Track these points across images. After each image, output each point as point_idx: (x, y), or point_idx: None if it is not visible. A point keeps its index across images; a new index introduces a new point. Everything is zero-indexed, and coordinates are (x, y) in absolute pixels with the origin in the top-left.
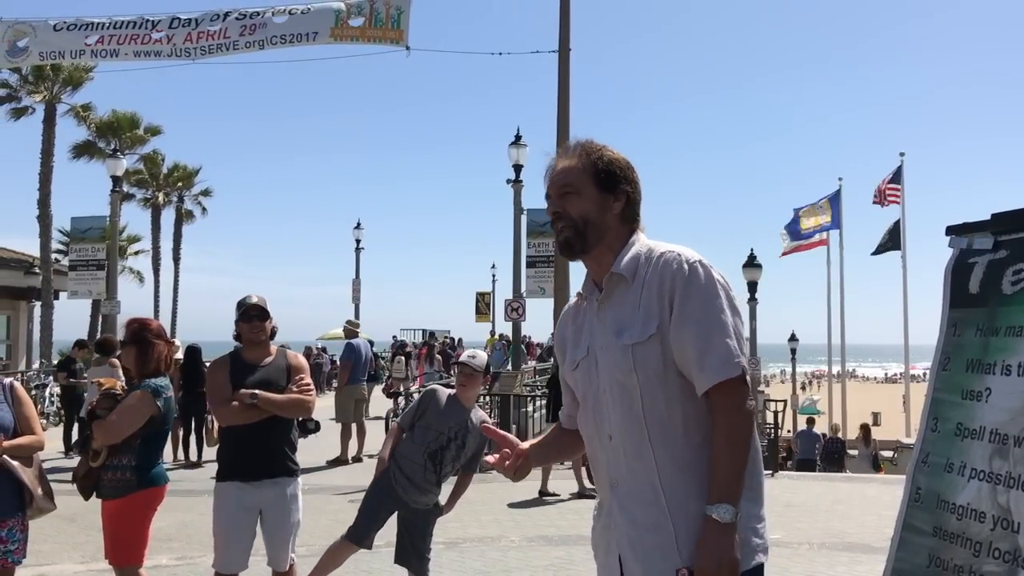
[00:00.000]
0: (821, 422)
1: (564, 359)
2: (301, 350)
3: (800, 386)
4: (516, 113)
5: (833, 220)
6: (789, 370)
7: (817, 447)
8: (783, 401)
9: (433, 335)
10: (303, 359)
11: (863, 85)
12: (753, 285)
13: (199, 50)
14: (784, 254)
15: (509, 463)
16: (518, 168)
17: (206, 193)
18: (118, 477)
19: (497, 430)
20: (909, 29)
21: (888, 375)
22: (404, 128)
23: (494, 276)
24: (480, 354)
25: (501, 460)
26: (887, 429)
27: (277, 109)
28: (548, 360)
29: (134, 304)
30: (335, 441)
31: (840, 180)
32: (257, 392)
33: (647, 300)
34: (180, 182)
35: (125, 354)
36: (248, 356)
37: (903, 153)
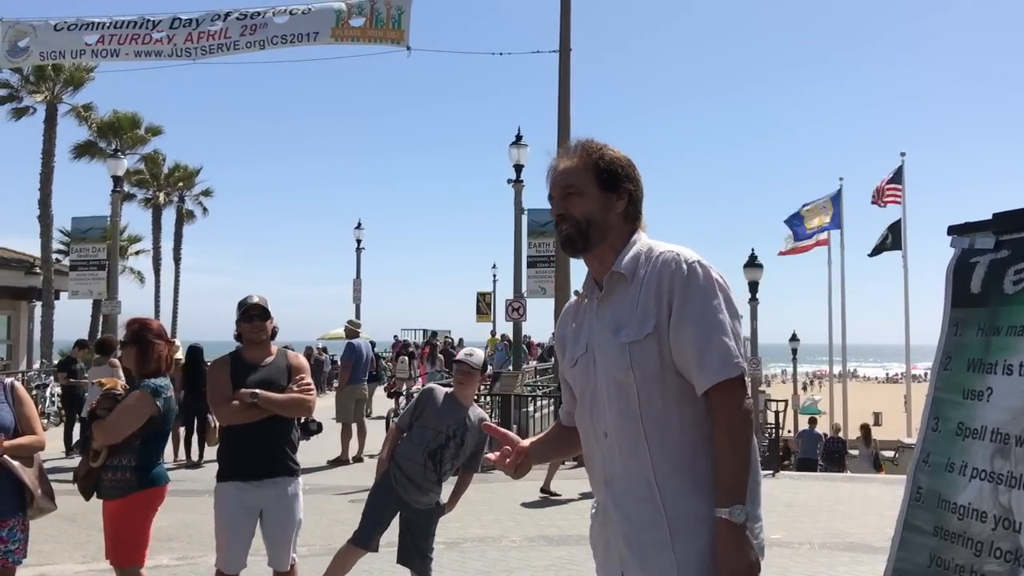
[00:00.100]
0: (822, 422)
1: (564, 356)
2: (302, 350)
3: (801, 386)
4: (517, 113)
5: (834, 220)
6: (790, 370)
7: (818, 447)
8: (784, 401)
9: (435, 335)
10: (303, 359)
11: (864, 85)
12: (754, 285)
13: (200, 50)
14: (783, 253)
15: (510, 460)
16: (519, 168)
17: (207, 193)
18: (118, 477)
19: (497, 427)
20: (910, 30)
21: (889, 375)
22: (405, 128)
23: (495, 276)
24: (477, 352)
25: (502, 457)
26: (888, 429)
27: (278, 109)
28: (549, 360)
29: (135, 304)
30: (336, 441)
31: (841, 180)
32: (257, 391)
33: (645, 299)
34: (181, 182)
35: (125, 354)
36: (249, 356)
37: (904, 153)
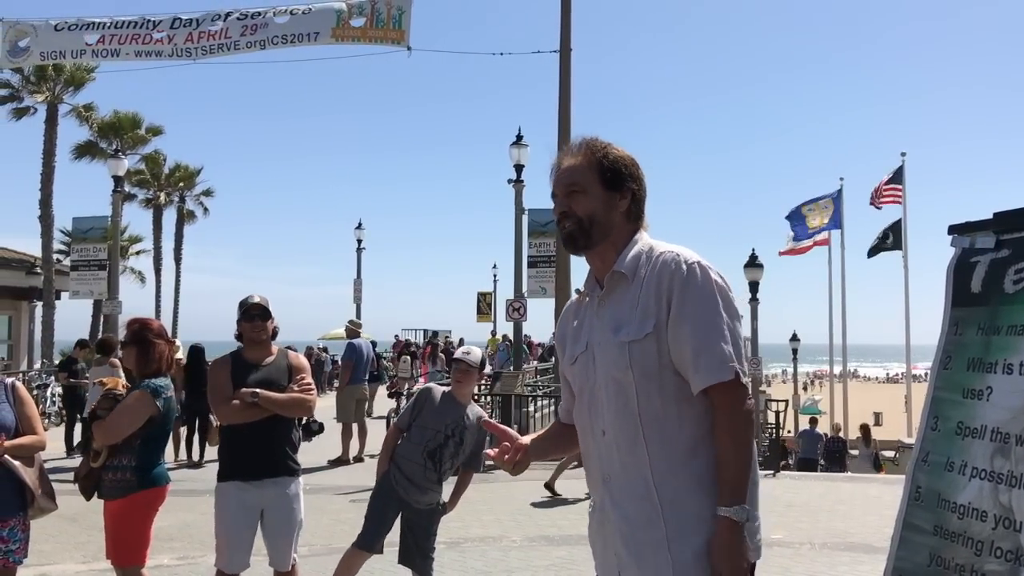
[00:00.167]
0: (823, 422)
1: (564, 354)
2: (303, 350)
3: (802, 386)
4: (517, 113)
5: (834, 220)
6: (791, 370)
7: (819, 447)
8: (785, 401)
9: (436, 335)
10: (304, 359)
11: (864, 86)
12: (754, 285)
13: (200, 50)
14: (784, 253)
15: (508, 456)
16: (519, 168)
17: (207, 193)
18: (118, 477)
19: (496, 424)
20: (909, 31)
21: (890, 375)
22: (405, 128)
23: (495, 276)
24: (475, 350)
25: (500, 453)
26: (889, 429)
27: (278, 109)
28: (549, 360)
29: (136, 304)
30: (336, 441)
31: (841, 180)
32: (258, 391)
33: (645, 299)
34: (181, 182)
35: (126, 354)
36: (249, 355)
37: (904, 153)
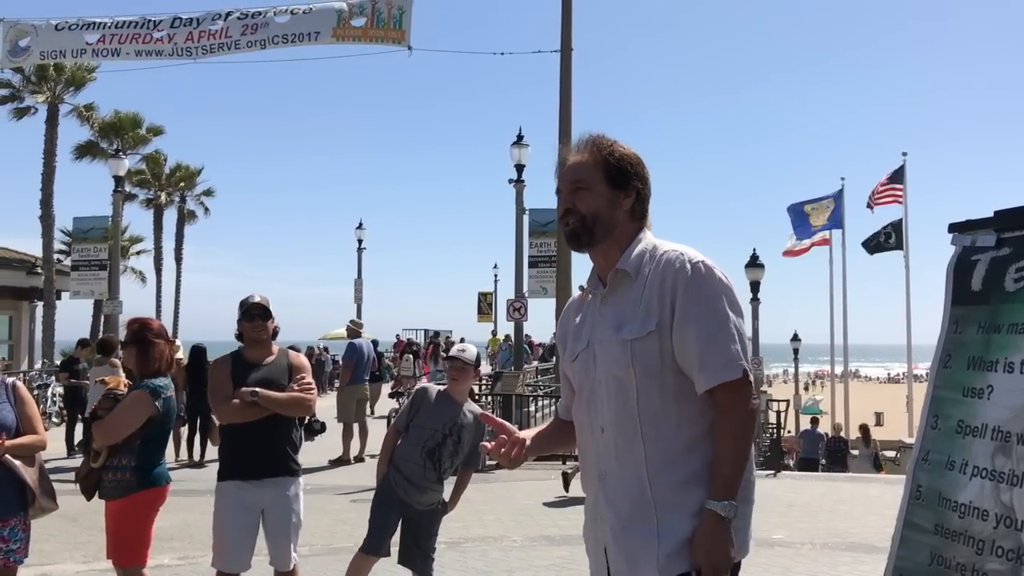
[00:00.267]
0: (824, 422)
1: (564, 351)
2: (304, 350)
3: (803, 386)
4: (518, 113)
5: (835, 220)
6: (792, 370)
7: (820, 447)
8: (786, 401)
9: (437, 335)
10: (305, 359)
11: (865, 86)
12: (756, 285)
13: (200, 49)
14: (787, 254)
15: (505, 450)
16: (520, 168)
17: (208, 193)
18: (118, 478)
19: (494, 418)
20: (910, 31)
21: (891, 375)
22: (406, 128)
23: (496, 276)
24: (470, 347)
25: (497, 447)
26: (890, 429)
27: (279, 109)
28: (550, 360)
29: (136, 304)
30: (337, 441)
31: (843, 180)
32: (257, 390)
33: (648, 297)
34: (182, 182)
35: (126, 354)
36: (250, 355)
37: (906, 153)
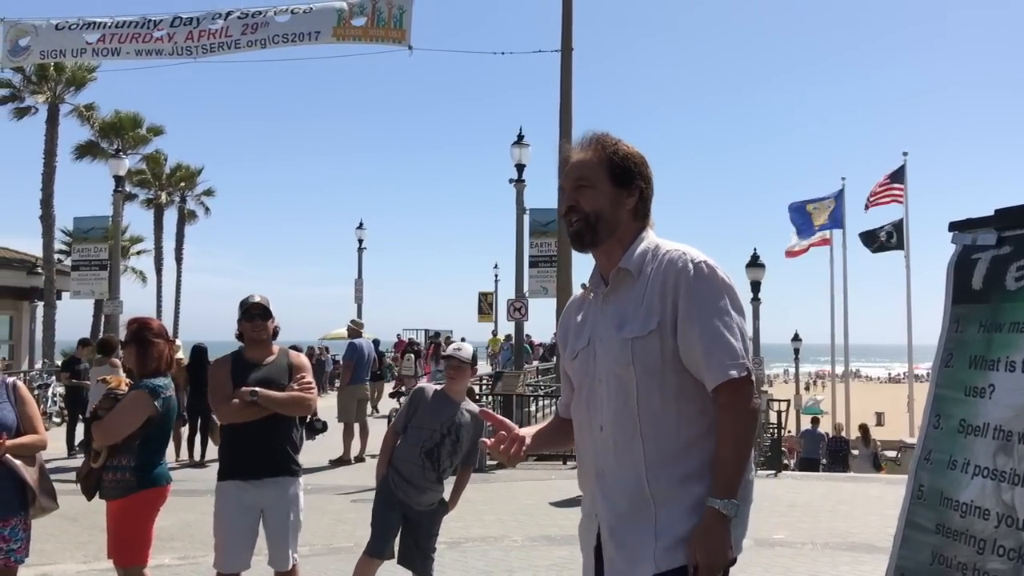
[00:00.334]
0: (824, 422)
1: (565, 348)
2: (304, 350)
3: (803, 386)
4: (519, 113)
5: (836, 219)
6: (792, 370)
7: (821, 447)
8: (786, 401)
9: (438, 335)
10: (305, 358)
11: (865, 86)
12: (756, 285)
13: (200, 49)
14: (791, 254)
15: (505, 447)
16: (521, 168)
17: (208, 193)
18: (118, 478)
19: (494, 414)
20: (910, 32)
21: (892, 375)
22: (407, 128)
23: (496, 276)
24: (466, 346)
25: (497, 443)
26: (891, 429)
27: (279, 109)
28: (550, 360)
29: (137, 304)
30: (338, 441)
31: (843, 180)
32: (257, 390)
33: (650, 296)
34: (183, 182)
35: (126, 354)
36: (250, 355)
37: (906, 153)
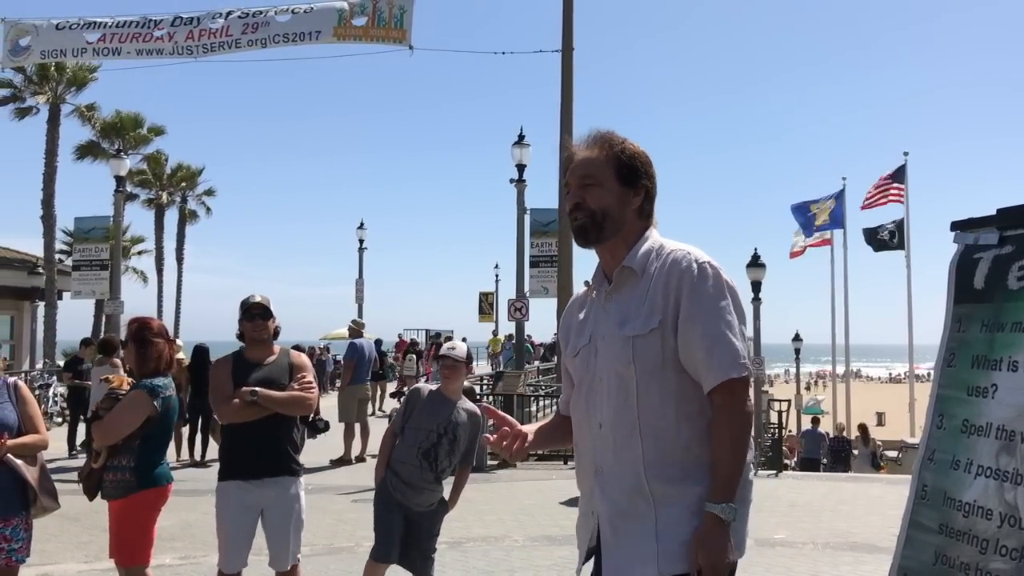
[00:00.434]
0: (825, 422)
1: (567, 345)
2: (305, 350)
3: (804, 386)
4: (519, 113)
5: (836, 219)
6: (793, 370)
7: (821, 447)
8: (787, 401)
9: (439, 335)
10: (306, 358)
11: (865, 86)
12: (757, 285)
13: (201, 48)
14: (795, 255)
15: (507, 444)
16: (521, 168)
17: (209, 193)
18: (118, 478)
19: (497, 411)
20: (910, 31)
21: (892, 375)
22: (407, 128)
23: (497, 276)
24: (460, 345)
25: (499, 439)
26: (892, 429)
27: (280, 109)
28: (551, 359)
29: (138, 304)
30: (338, 441)
31: (844, 180)
32: (257, 389)
33: (653, 295)
34: (183, 182)
35: (127, 354)
36: (251, 355)
37: (907, 152)
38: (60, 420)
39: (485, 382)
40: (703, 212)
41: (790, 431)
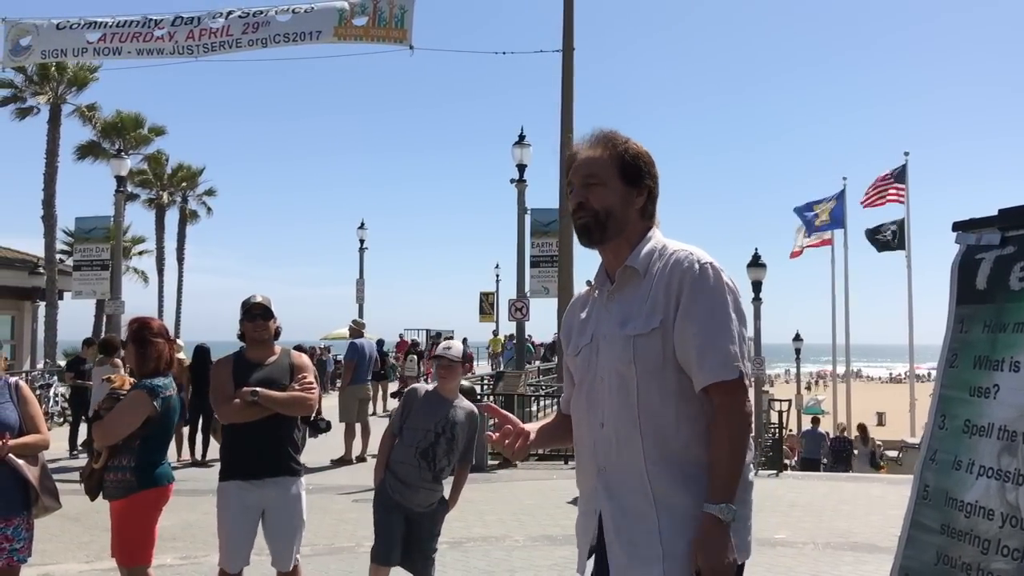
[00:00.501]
0: (826, 422)
1: (568, 344)
2: (307, 351)
3: (805, 386)
4: (520, 113)
5: (837, 219)
6: (794, 370)
7: (822, 447)
8: (787, 401)
9: (439, 335)
10: (307, 358)
11: (866, 86)
12: (757, 285)
13: (201, 48)
14: (795, 254)
15: (509, 442)
16: (522, 168)
17: (210, 193)
18: (119, 478)
19: (499, 409)
20: (911, 32)
21: (893, 375)
22: (408, 128)
23: (498, 276)
24: (455, 344)
25: (502, 438)
26: (892, 429)
27: (281, 109)
28: (551, 359)
29: (138, 304)
30: (339, 441)
31: (844, 180)
32: (258, 390)
33: (655, 295)
34: (184, 182)
35: (127, 354)
36: (252, 355)
37: (907, 152)
38: (61, 420)
39: (486, 382)
40: (703, 212)
41: (790, 431)
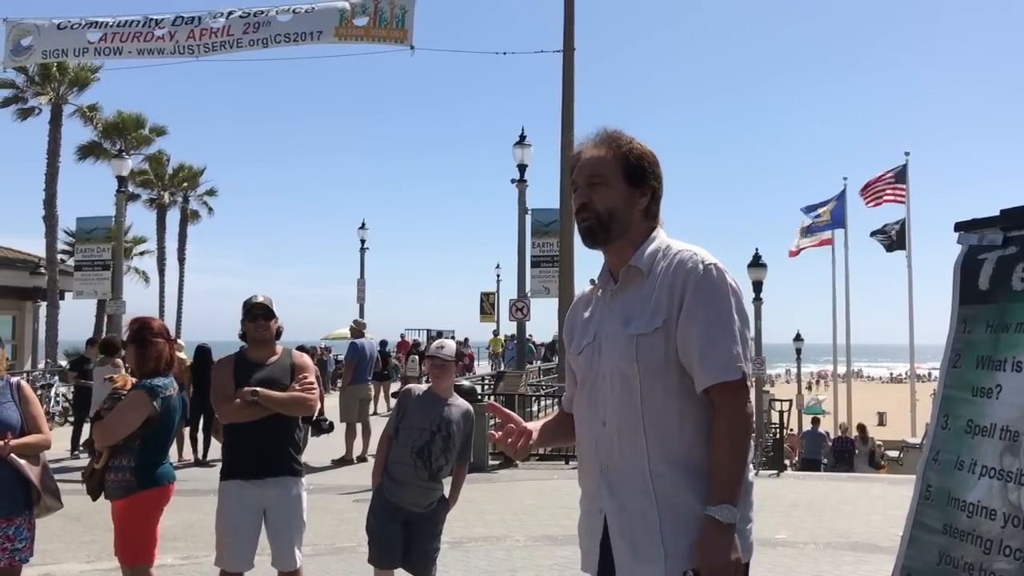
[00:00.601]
0: (827, 422)
1: (571, 343)
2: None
3: (805, 386)
4: (521, 113)
5: (838, 219)
6: (794, 370)
7: (822, 447)
8: (788, 401)
9: (440, 335)
10: (308, 358)
11: (866, 86)
12: (758, 285)
13: (202, 48)
14: (794, 253)
15: (512, 440)
16: (523, 168)
17: (211, 193)
18: (120, 478)
19: (501, 408)
20: (911, 32)
21: (893, 375)
22: (409, 128)
23: (499, 276)
24: (448, 343)
25: (504, 436)
26: (893, 429)
27: (282, 109)
28: (551, 359)
29: (139, 304)
30: (340, 441)
31: (845, 180)
32: (258, 389)
33: (658, 294)
34: (185, 182)
35: (128, 354)
36: (253, 355)
37: (908, 153)
38: (62, 420)
39: (487, 382)
40: (703, 212)
41: (791, 431)
